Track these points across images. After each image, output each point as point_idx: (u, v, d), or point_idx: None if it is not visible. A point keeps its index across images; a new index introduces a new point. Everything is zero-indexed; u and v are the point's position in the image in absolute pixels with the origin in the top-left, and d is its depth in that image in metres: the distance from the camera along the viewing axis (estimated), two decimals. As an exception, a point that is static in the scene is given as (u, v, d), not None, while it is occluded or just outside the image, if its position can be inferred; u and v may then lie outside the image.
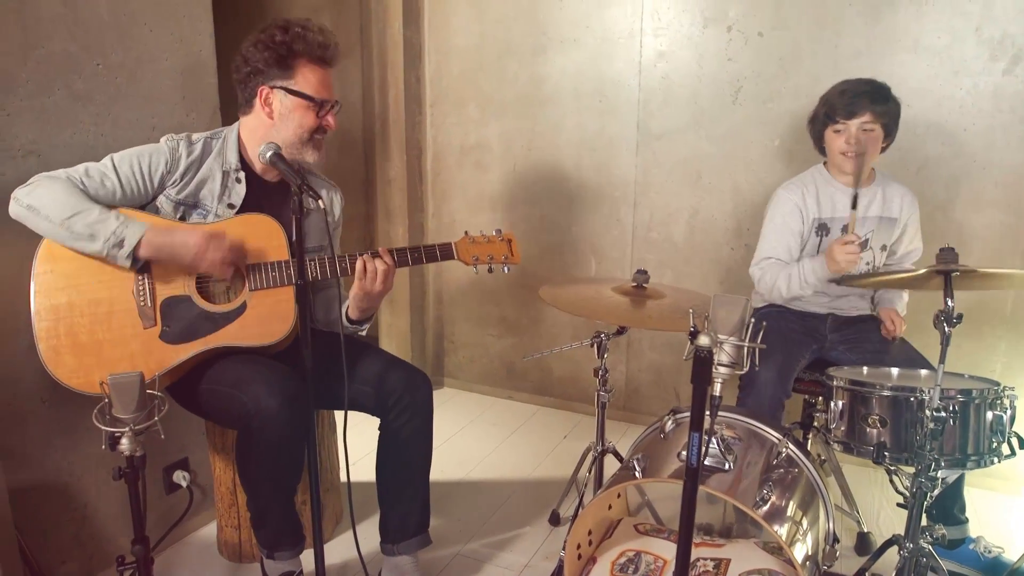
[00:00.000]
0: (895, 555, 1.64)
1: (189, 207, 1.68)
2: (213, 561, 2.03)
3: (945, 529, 1.95)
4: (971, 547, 1.95)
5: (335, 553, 2.04)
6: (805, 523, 1.52)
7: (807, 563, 1.45)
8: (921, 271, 1.45)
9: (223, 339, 1.63)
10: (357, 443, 1.80)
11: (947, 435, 1.54)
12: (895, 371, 1.82)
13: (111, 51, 1.79)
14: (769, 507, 1.40)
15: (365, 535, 1.87)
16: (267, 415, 1.52)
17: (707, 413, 1.17)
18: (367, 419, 1.82)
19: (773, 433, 1.62)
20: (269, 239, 1.68)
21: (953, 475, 1.77)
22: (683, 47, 2.68)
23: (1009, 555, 1.95)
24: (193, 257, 1.55)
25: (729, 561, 1.50)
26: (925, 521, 1.93)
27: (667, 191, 2.83)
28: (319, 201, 1.44)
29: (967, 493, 1.99)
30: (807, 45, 2.49)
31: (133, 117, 1.86)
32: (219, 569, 2.00)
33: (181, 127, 1.97)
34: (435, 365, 3.53)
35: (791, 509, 1.49)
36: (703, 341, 1.07)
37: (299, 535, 1.75)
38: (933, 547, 1.97)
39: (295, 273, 1.44)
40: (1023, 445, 1.60)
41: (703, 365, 1.07)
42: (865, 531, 2.10)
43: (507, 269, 1.83)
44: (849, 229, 1.88)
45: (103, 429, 1.24)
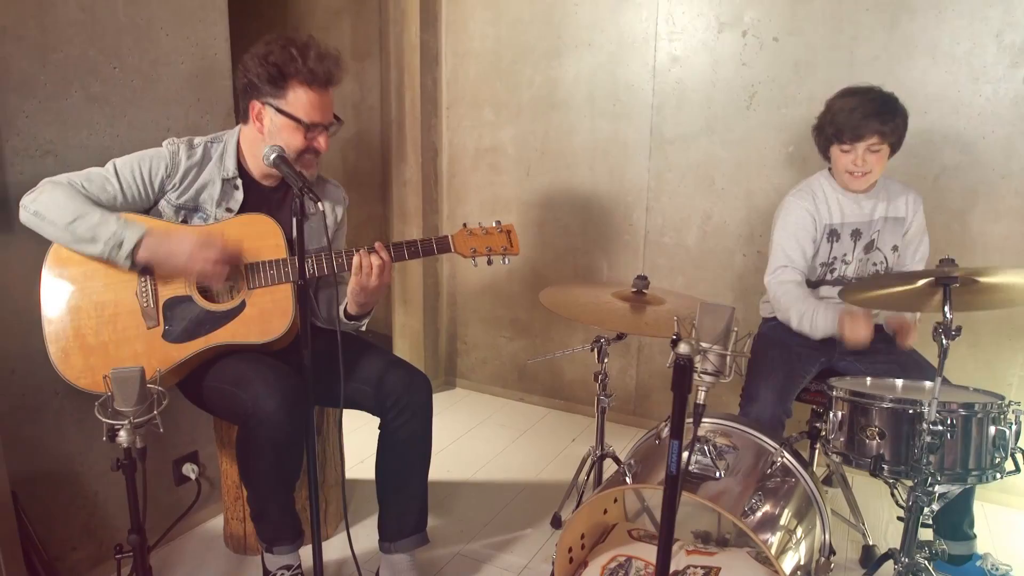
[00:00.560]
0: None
1: (190, 211, 1.72)
2: (219, 553, 2.08)
3: (952, 545, 1.93)
4: (978, 564, 1.91)
5: (336, 549, 2.06)
6: (799, 533, 1.50)
7: (798, 572, 1.44)
8: (919, 283, 1.43)
9: (223, 337, 1.67)
10: (366, 441, 1.82)
11: (948, 449, 1.51)
12: (899, 383, 1.79)
13: (127, 54, 1.84)
14: (758, 516, 1.39)
15: (369, 532, 1.89)
16: (265, 414, 1.56)
17: (689, 421, 1.18)
18: (374, 418, 1.84)
19: (769, 442, 1.61)
20: (267, 238, 1.70)
21: (955, 490, 1.73)
22: (697, 52, 2.67)
23: (1017, 574, 1.90)
24: (186, 259, 1.58)
25: (719, 570, 1.49)
26: (932, 535, 1.91)
27: (680, 196, 2.81)
28: (318, 204, 1.47)
29: (978, 508, 1.95)
30: (822, 50, 2.46)
31: (148, 118, 1.92)
32: (224, 561, 2.04)
33: (195, 129, 2.02)
34: (448, 366, 3.55)
35: (784, 519, 1.48)
36: (683, 349, 1.07)
37: (298, 530, 1.78)
38: (939, 563, 1.95)
39: (293, 273, 1.48)
40: (1029, 462, 1.56)
41: (682, 373, 1.07)
42: (870, 544, 2.07)
43: (506, 261, 1.81)
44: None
45: (104, 421, 1.28)
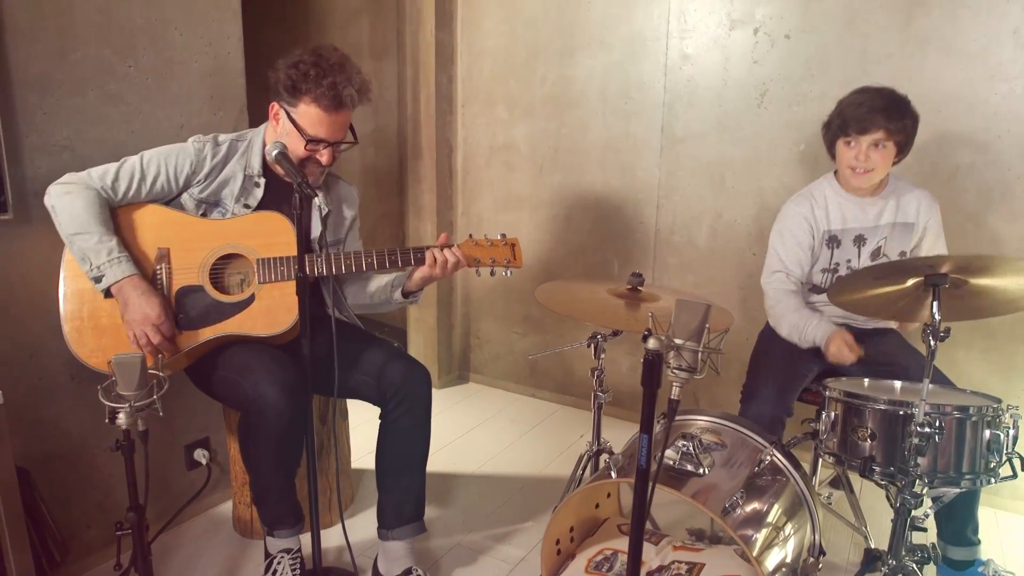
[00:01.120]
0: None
1: (210, 205, 1.79)
2: (227, 536, 2.15)
3: (955, 550, 1.90)
4: (980, 570, 1.88)
5: (338, 536, 2.12)
6: (787, 531, 1.50)
7: (783, 569, 1.44)
8: (908, 284, 1.42)
9: (231, 328, 1.73)
10: (374, 433, 1.89)
11: (940, 452, 1.50)
12: (898, 384, 1.77)
13: (143, 54, 1.92)
14: (740, 513, 1.40)
15: (374, 521, 1.94)
16: (265, 402, 1.62)
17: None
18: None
19: (759, 440, 1.61)
20: (280, 235, 1.77)
21: (951, 493, 1.71)
22: (709, 50, 2.66)
23: (1021, 581, 1.87)
24: (138, 319, 1.62)
25: (703, 566, 1.50)
26: (929, 538, 1.88)
27: (690, 194, 2.81)
28: (315, 199, 1.53)
29: (991, 515, 1.92)
30: (835, 48, 2.43)
31: (162, 116, 1.99)
32: (231, 543, 2.11)
33: (208, 126, 2.09)
34: (462, 360, 3.60)
35: (770, 516, 1.48)
36: (652, 344, 1.09)
37: (298, 515, 1.84)
38: (942, 567, 1.93)
39: (297, 266, 1.55)
40: (1025, 467, 1.54)
41: (650, 368, 1.08)
42: (872, 547, 2.05)
43: (508, 273, 1.86)
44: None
45: (106, 404, 1.34)
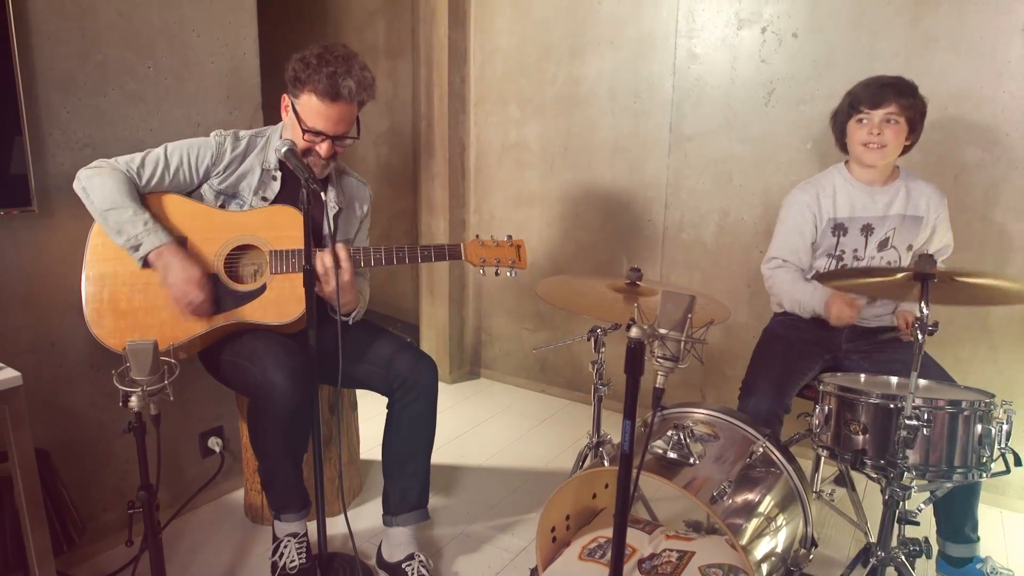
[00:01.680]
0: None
1: (228, 197, 1.87)
2: (238, 521, 2.22)
3: (954, 547, 1.91)
4: (978, 567, 1.89)
5: (343, 523, 2.17)
6: (778, 522, 1.53)
7: (772, 558, 1.46)
8: (898, 275, 1.44)
9: (243, 315, 1.80)
10: (383, 425, 1.96)
11: (932, 446, 1.51)
12: (894, 380, 1.78)
13: (161, 55, 1.99)
14: (730, 503, 1.43)
15: (380, 510, 2.01)
16: (273, 387, 1.68)
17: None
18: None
19: (752, 432, 1.64)
20: (293, 228, 1.84)
21: (945, 487, 1.72)
22: (717, 49, 2.68)
23: (1019, 578, 1.88)
24: (180, 283, 1.71)
25: (693, 554, 1.53)
26: (924, 533, 1.88)
27: (698, 192, 2.83)
28: (322, 195, 1.61)
29: (995, 513, 1.92)
30: (842, 47, 2.44)
31: (180, 114, 2.07)
32: (242, 528, 2.18)
33: (224, 124, 2.16)
34: (473, 356, 3.65)
35: (761, 507, 1.50)
36: (634, 333, 1.13)
37: (304, 500, 1.90)
38: (941, 564, 1.93)
39: (308, 259, 1.62)
40: (1019, 462, 1.55)
41: (633, 356, 1.12)
42: (873, 542, 2.06)
43: (513, 273, 1.91)
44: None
45: (120, 388, 1.41)
